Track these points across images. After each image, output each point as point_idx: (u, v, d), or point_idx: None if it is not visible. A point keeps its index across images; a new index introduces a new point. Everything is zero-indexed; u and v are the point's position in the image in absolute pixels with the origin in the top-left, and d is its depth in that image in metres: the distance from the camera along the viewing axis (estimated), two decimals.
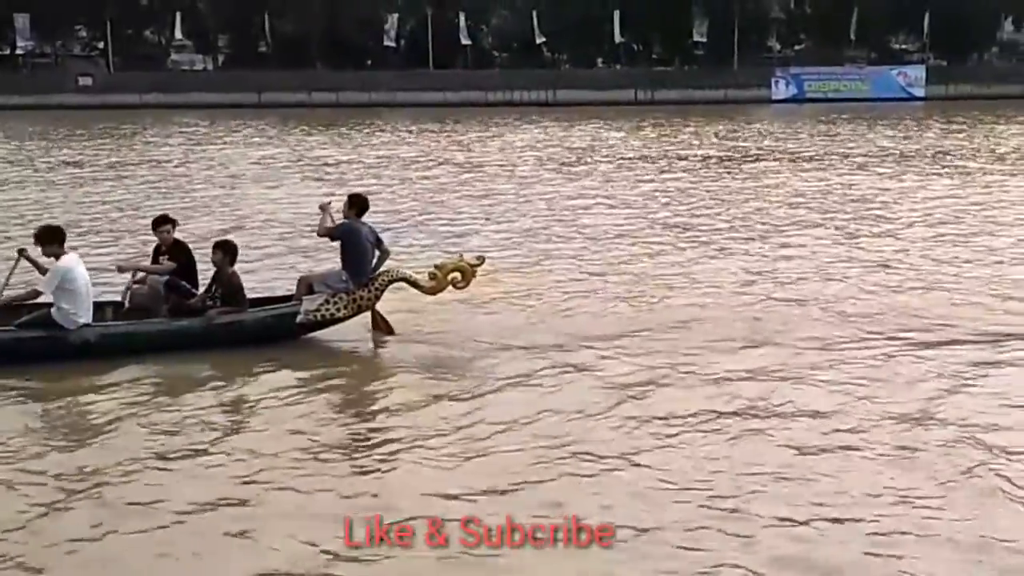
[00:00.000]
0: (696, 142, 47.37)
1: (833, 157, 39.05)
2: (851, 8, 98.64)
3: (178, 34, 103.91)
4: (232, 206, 26.73)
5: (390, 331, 12.97)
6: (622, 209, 25.20)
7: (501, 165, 37.29)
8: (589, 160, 38.94)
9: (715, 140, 48.45)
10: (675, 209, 25.27)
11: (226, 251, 12.52)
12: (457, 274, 13.04)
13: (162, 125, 63.62)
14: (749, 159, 38.69)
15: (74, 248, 12.68)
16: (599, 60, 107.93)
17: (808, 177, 32.16)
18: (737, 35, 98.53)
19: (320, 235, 13.19)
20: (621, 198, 27.32)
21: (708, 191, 28.86)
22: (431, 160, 39.66)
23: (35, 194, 29.79)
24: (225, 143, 49.53)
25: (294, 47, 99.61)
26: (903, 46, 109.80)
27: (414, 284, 13.18)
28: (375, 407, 10.68)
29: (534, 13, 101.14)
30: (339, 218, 12.96)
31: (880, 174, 32.70)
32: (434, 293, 13.21)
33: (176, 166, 38.28)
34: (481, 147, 45.95)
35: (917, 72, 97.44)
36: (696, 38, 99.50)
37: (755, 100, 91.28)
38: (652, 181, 31.65)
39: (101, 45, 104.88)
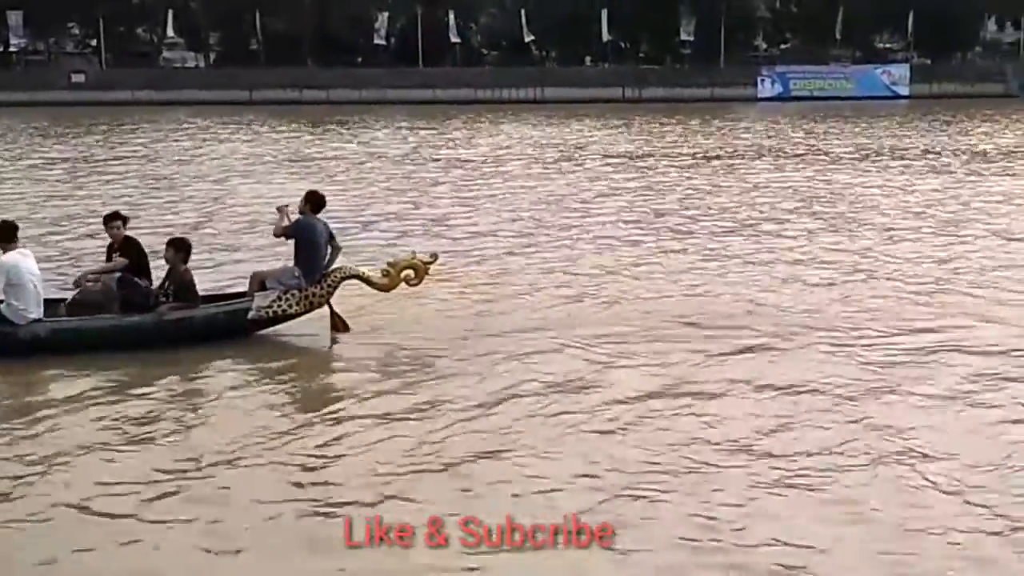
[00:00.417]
0: (679, 139, 47.40)
1: (800, 153, 39.29)
2: (836, 7, 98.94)
3: (170, 32, 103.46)
4: (216, 200, 26.76)
5: (345, 328, 12.85)
6: (590, 205, 25.20)
7: (482, 161, 37.36)
8: (557, 157, 38.97)
9: (697, 138, 48.50)
10: (637, 204, 25.36)
11: (178, 248, 12.40)
12: (410, 272, 13.00)
13: (153, 122, 63.45)
14: (727, 156, 38.73)
15: (53, 242, 12.68)
16: (587, 58, 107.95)
17: (778, 173, 32.31)
18: (724, 34, 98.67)
19: (276, 235, 13.10)
20: (587, 195, 27.24)
21: (673, 188, 28.99)
22: (417, 156, 39.69)
23: (19, 188, 29.80)
24: (217, 140, 49.41)
25: (285, 45, 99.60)
26: (887, 45, 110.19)
27: (367, 281, 13.07)
28: (325, 402, 10.57)
29: (523, 12, 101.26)
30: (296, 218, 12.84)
31: (854, 170, 32.86)
32: (387, 290, 13.13)
33: (166, 163, 38.09)
34: (465, 144, 45.95)
35: (901, 71, 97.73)
36: (683, 36, 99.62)
37: (741, 98, 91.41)
38: (622, 177, 31.63)
39: (94, 42, 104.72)
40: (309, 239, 12.66)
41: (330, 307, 12.90)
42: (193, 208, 25.40)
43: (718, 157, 38.55)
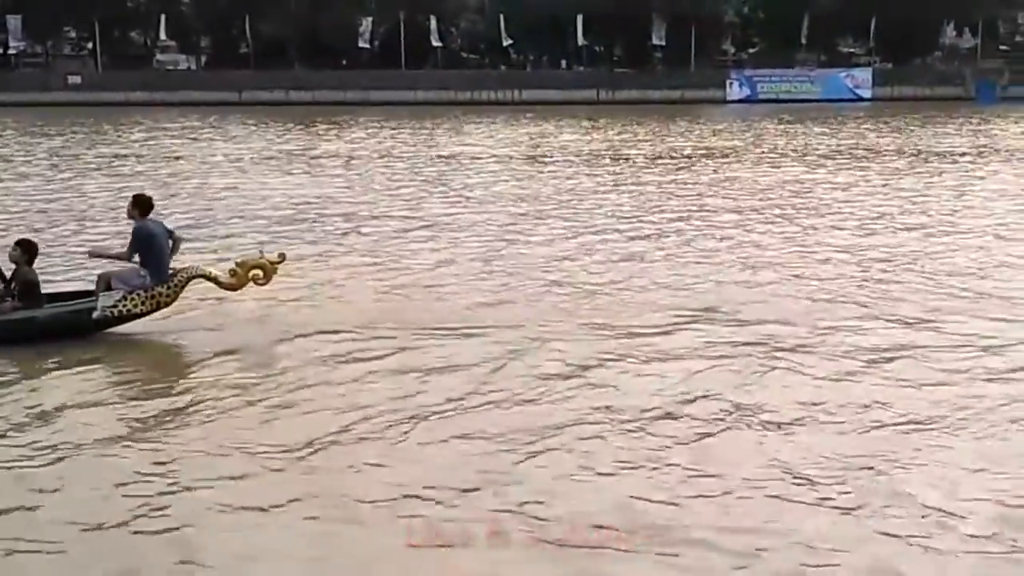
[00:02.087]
0: (641, 139, 47.79)
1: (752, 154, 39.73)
2: (802, 13, 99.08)
3: (163, 35, 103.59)
4: (199, 195, 27.23)
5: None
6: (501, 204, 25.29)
7: (446, 160, 37.79)
8: (513, 157, 39.42)
9: (657, 137, 48.93)
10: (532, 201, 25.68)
11: (24, 249, 12.40)
12: (258, 271, 12.84)
13: (145, 121, 63.66)
14: (687, 156, 39.12)
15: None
16: (563, 62, 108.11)
17: (718, 171, 32.82)
18: (694, 39, 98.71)
19: (125, 259, 12.66)
20: (497, 193, 27.37)
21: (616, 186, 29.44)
22: (394, 156, 40.12)
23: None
24: (208, 137, 49.69)
25: (273, 48, 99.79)
26: (851, 50, 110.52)
27: (214, 281, 12.93)
28: (170, 400, 10.43)
29: (501, 17, 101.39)
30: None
31: (807, 169, 33.33)
32: (234, 289, 12.99)
33: (156, 160, 38.47)
34: (442, 143, 46.32)
35: (864, 75, 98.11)
36: (655, 41, 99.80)
37: (711, 100, 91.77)
38: (547, 176, 32.07)
39: (90, 45, 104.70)
40: (149, 243, 12.43)
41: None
42: (183, 203, 25.78)
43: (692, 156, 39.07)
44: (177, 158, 38.70)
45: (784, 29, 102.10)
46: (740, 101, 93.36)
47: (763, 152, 40.01)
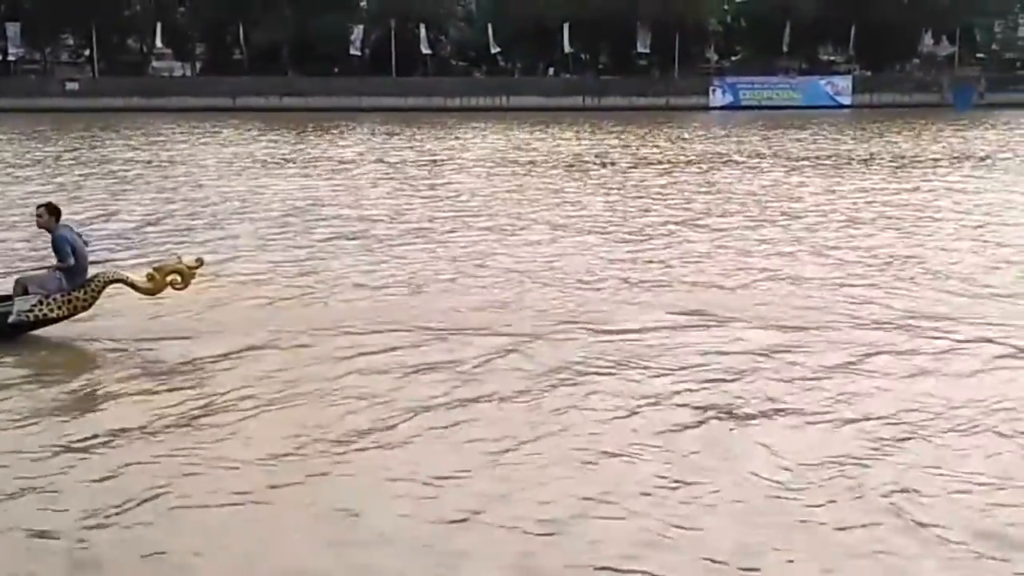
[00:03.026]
0: (625, 144, 48.03)
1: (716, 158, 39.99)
2: (783, 22, 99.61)
3: (159, 42, 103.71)
4: (181, 197, 27.37)
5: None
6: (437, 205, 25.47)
7: (435, 163, 37.99)
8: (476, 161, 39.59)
9: (641, 142, 49.19)
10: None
11: None
12: (176, 276, 12.53)
13: (138, 126, 63.75)
14: (670, 161, 39.33)
15: None
16: (550, 69, 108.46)
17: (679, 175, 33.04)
18: (678, 47, 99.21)
19: (61, 269, 12.32)
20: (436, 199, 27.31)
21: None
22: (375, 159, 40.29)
23: None
24: (200, 142, 49.79)
25: (266, 55, 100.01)
26: (832, 57, 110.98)
27: (131, 285, 12.63)
28: (88, 404, 10.28)
29: (489, 25, 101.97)
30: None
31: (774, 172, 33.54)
32: (152, 294, 12.72)
33: (147, 162, 38.71)
34: (432, 147, 46.45)
35: (844, 82, 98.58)
36: (640, 49, 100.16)
37: (694, 107, 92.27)
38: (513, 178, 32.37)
39: (87, 52, 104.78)
40: (72, 249, 12.22)
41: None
42: (167, 203, 25.96)
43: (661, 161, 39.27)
44: (172, 161, 38.73)
45: (766, 37, 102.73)
46: (723, 108, 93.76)
47: (745, 157, 40.25)
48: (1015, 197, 26.34)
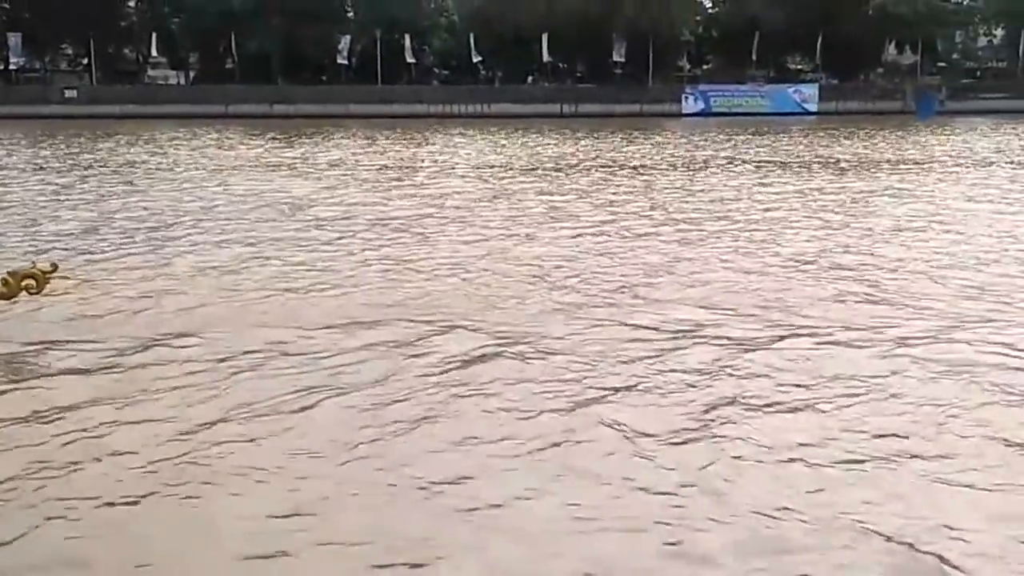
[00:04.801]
0: (600, 150, 48.39)
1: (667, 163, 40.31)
2: (753, 33, 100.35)
3: (154, 52, 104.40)
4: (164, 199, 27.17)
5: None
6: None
7: (417, 167, 38.27)
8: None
9: (613, 148, 49.55)
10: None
11: None
12: (31, 281, 12.24)
13: (136, 132, 63.99)
14: (644, 165, 39.64)
15: None
16: (529, 77, 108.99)
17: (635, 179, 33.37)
18: (652, 56, 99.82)
19: None
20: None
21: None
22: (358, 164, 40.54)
23: None
24: (192, 148, 50.02)
25: (257, 64, 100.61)
26: (799, 66, 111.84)
27: None
28: None
29: (471, 35, 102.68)
30: None
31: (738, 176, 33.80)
32: (6, 299, 12.16)
33: (138, 165, 38.75)
34: (416, 152, 46.58)
35: (810, 90, 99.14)
36: (615, 58, 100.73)
37: (667, 114, 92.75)
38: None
39: (85, 61, 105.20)
40: None
41: None
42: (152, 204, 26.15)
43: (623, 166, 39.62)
44: (166, 166, 38.97)
45: (736, 47, 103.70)
46: (695, 114, 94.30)
47: (718, 161, 40.61)
48: (958, 202, 25.67)
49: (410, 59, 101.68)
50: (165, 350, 11.02)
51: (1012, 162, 38.63)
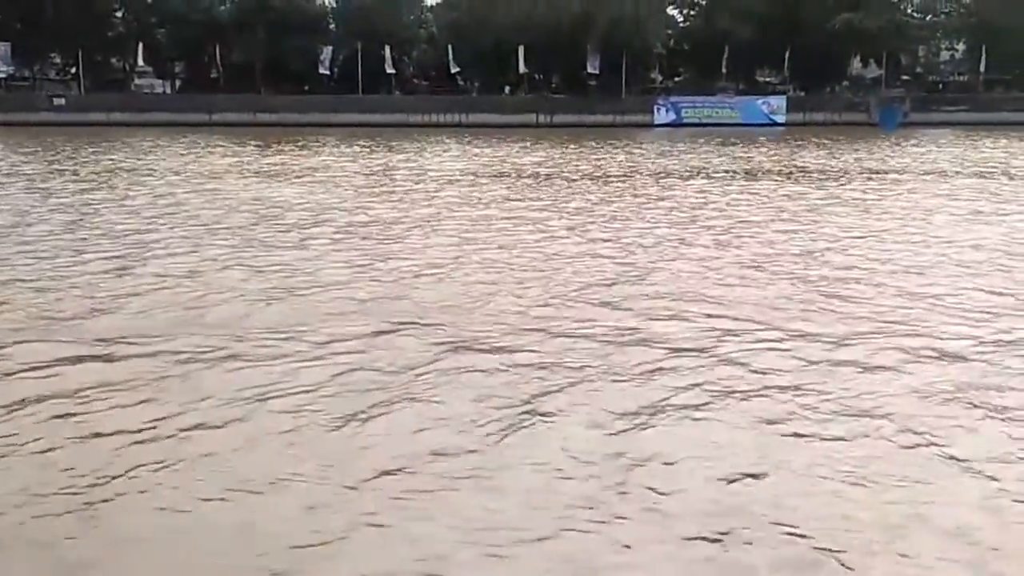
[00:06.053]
0: (575, 159, 48.60)
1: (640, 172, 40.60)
2: (723, 46, 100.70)
3: (140, 61, 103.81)
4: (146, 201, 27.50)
5: None
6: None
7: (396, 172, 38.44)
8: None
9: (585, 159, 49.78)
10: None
11: None
12: None
13: (121, 139, 63.82)
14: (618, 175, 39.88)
15: None
16: (506, 88, 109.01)
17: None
18: (625, 68, 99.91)
19: None
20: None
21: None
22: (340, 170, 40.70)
23: None
24: (176, 153, 50.04)
25: (241, 74, 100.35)
26: (768, 79, 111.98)
27: None
28: None
29: (449, 47, 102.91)
30: None
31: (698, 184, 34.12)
32: None
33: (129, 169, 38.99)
34: (395, 159, 46.74)
35: (779, 102, 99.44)
36: (590, 70, 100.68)
37: (640, 124, 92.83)
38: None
39: (73, 70, 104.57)
40: None
41: None
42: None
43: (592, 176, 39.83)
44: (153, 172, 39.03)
45: (706, 60, 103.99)
46: (666, 125, 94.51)
47: (686, 171, 40.89)
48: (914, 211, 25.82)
49: (390, 70, 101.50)
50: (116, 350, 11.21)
51: (962, 172, 39.12)
